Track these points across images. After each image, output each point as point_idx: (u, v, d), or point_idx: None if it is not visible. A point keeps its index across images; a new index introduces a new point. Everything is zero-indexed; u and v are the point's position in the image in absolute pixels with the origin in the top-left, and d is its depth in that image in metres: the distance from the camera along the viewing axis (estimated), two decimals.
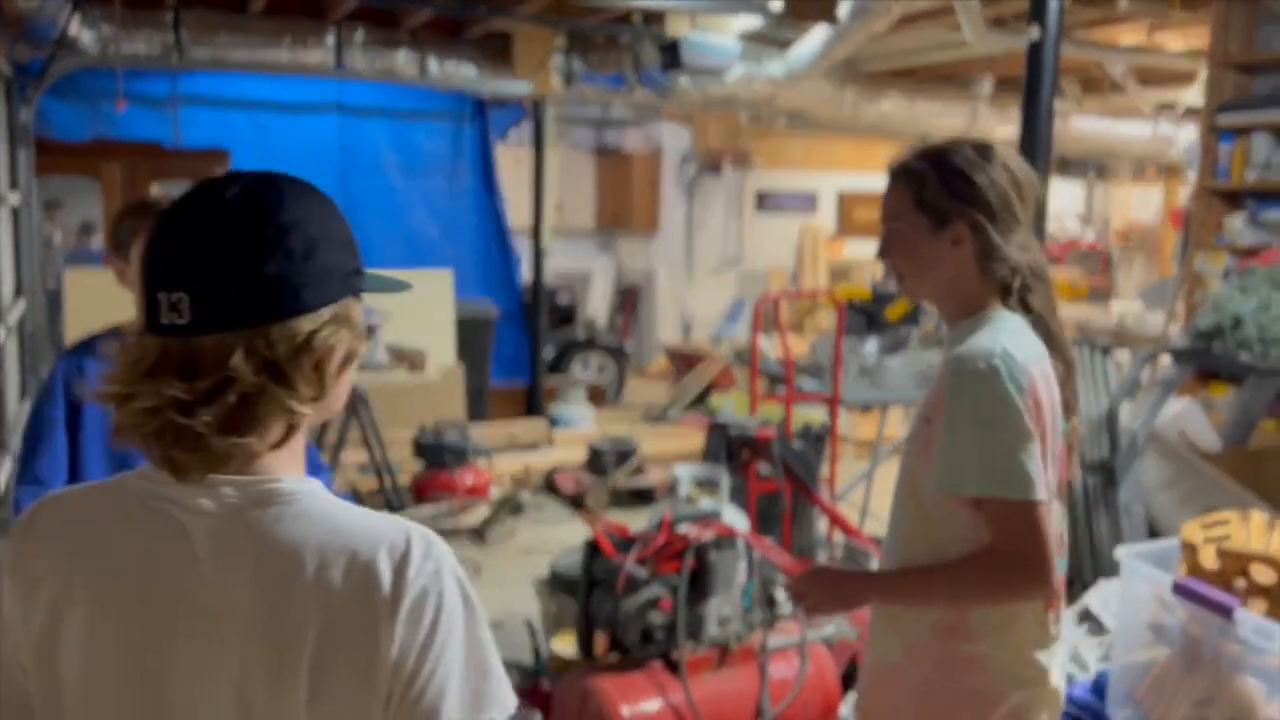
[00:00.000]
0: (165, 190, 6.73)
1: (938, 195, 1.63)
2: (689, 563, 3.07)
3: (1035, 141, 3.65)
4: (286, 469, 0.99)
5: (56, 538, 0.99)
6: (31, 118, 5.83)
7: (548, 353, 8.85)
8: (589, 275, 12.01)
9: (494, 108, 7.86)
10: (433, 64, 6.71)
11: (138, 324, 0.96)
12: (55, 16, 5.04)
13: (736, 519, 3.59)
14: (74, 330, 5.89)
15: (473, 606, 0.99)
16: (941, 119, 8.21)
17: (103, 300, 5.77)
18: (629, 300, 11.86)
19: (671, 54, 5.83)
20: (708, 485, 3.82)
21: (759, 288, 11.44)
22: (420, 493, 5.83)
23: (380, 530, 0.96)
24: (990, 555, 1.57)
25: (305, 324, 0.95)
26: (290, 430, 0.97)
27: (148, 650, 0.94)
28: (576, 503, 6.26)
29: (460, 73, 6.81)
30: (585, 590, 3.15)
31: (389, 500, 5.70)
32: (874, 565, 3.88)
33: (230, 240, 0.93)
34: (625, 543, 3.18)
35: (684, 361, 8.57)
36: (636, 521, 3.78)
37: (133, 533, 0.96)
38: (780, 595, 3.42)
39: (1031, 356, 1.59)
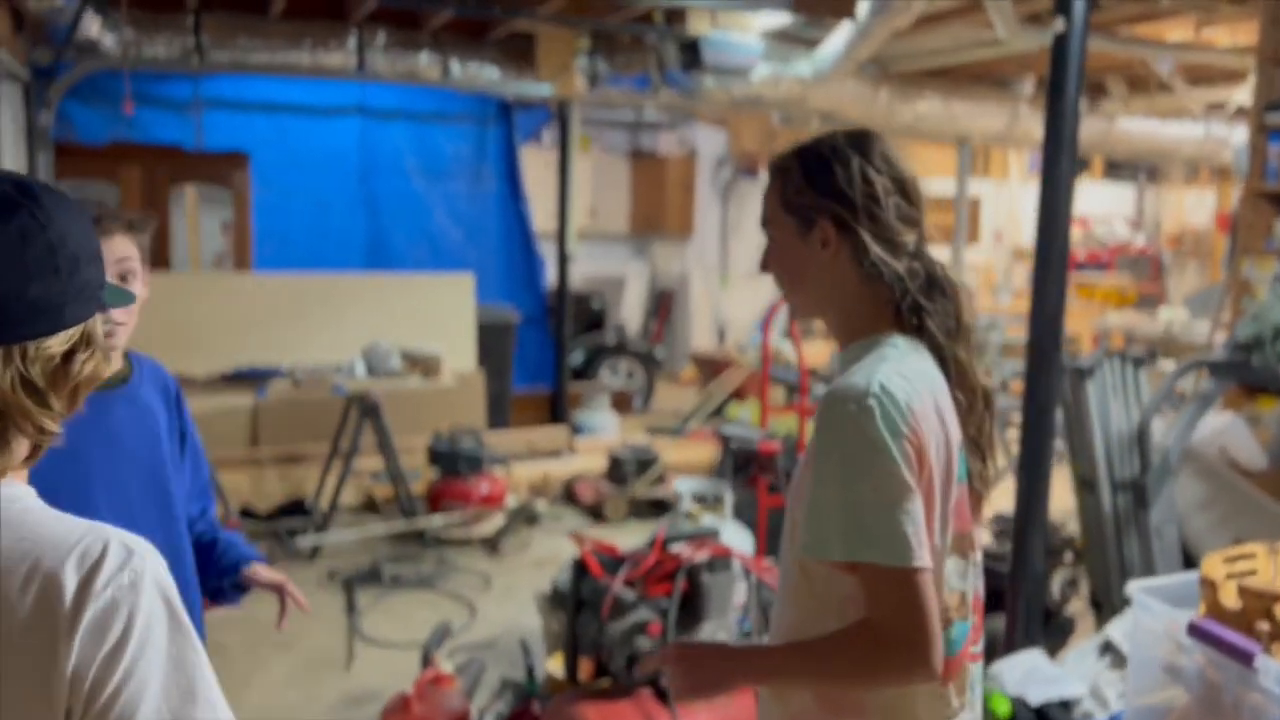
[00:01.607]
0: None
1: (800, 190, 1.43)
2: (680, 585, 2.92)
3: (1060, 140, 3.44)
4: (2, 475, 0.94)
5: None
6: (51, 121, 5.83)
7: (576, 358, 8.73)
8: (622, 280, 11.89)
9: (519, 110, 7.76)
10: (455, 66, 6.61)
11: None
12: (76, 19, 5.01)
13: (739, 538, 3.43)
14: None
15: (181, 626, 0.93)
16: (980, 120, 7.96)
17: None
18: (662, 305, 11.71)
19: (692, 53, 5.68)
20: (713, 501, 3.66)
21: None
22: (434, 501, 5.72)
23: (74, 539, 0.92)
24: (863, 630, 1.32)
25: (60, 342, 0.93)
26: (37, 451, 0.95)
27: None
28: (595, 513, 6.12)
29: (483, 74, 6.71)
30: (572, 612, 3.02)
31: (403, 508, 5.62)
32: None
33: None
34: (614, 563, 3.03)
35: (711, 368, 8.40)
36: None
37: None
38: None
39: (919, 391, 1.36)
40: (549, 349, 7.76)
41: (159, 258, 6.62)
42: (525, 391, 7.60)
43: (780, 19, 5.57)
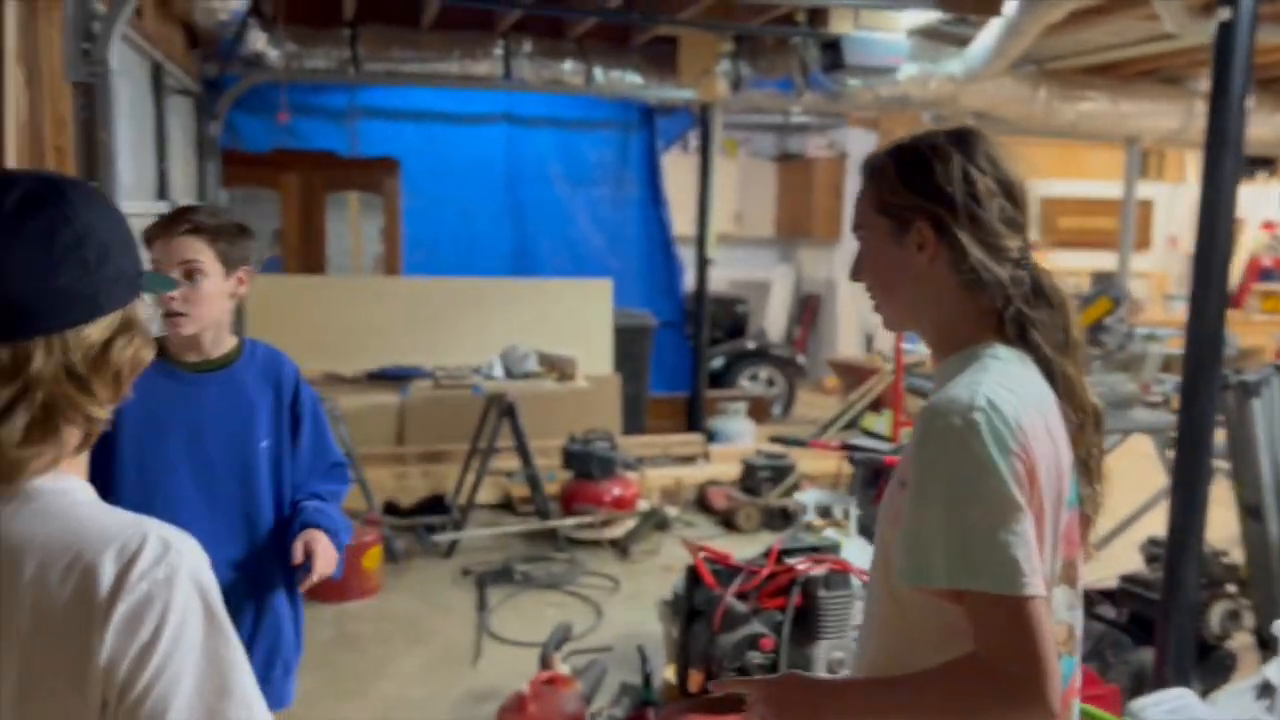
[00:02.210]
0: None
1: (895, 191, 1.32)
2: (794, 599, 2.84)
3: (1224, 138, 3.19)
4: (52, 467, 0.96)
5: None
6: (219, 131, 6.19)
7: (715, 363, 8.68)
8: (767, 285, 11.76)
9: (662, 115, 7.78)
10: (598, 72, 6.69)
11: None
12: (238, 34, 5.31)
13: (861, 554, 3.31)
14: (257, 327, 6.21)
15: (217, 622, 0.94)
16: (1150, 119, 7.49)
17: (281, 303, 6.08)
18: (807, 311, 11.53)
19: (834, 53, 5.55)
20: (837, 514, 3.56)
21: None
22: (567, 502, 5.79)
23: (115, 532, 0.93)
24: (972, 665, 1.20)
25: (99, 329, 0.95)
26: (87, 438, 0.97)
27: None
28: (727, 521, 6.06)
29: (625, 80, 6.76)
30: (684, 621, 2.97)
31: (537, 508, 5.70)
32: None
33: (22, 250, 0.91)
34: (729, 572, 2.98)
35: (854, 376, 8.19)
36: None
37: None
38: None
39: (1028, 407, 1.25)
40: (687, 354, 7.74)
41: (314, 261, 6.94)
42: (662, 396, 7.60)
43: (926, 17, 5.39)
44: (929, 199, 1.30)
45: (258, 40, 5.81)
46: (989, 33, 5.33)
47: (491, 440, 5.61)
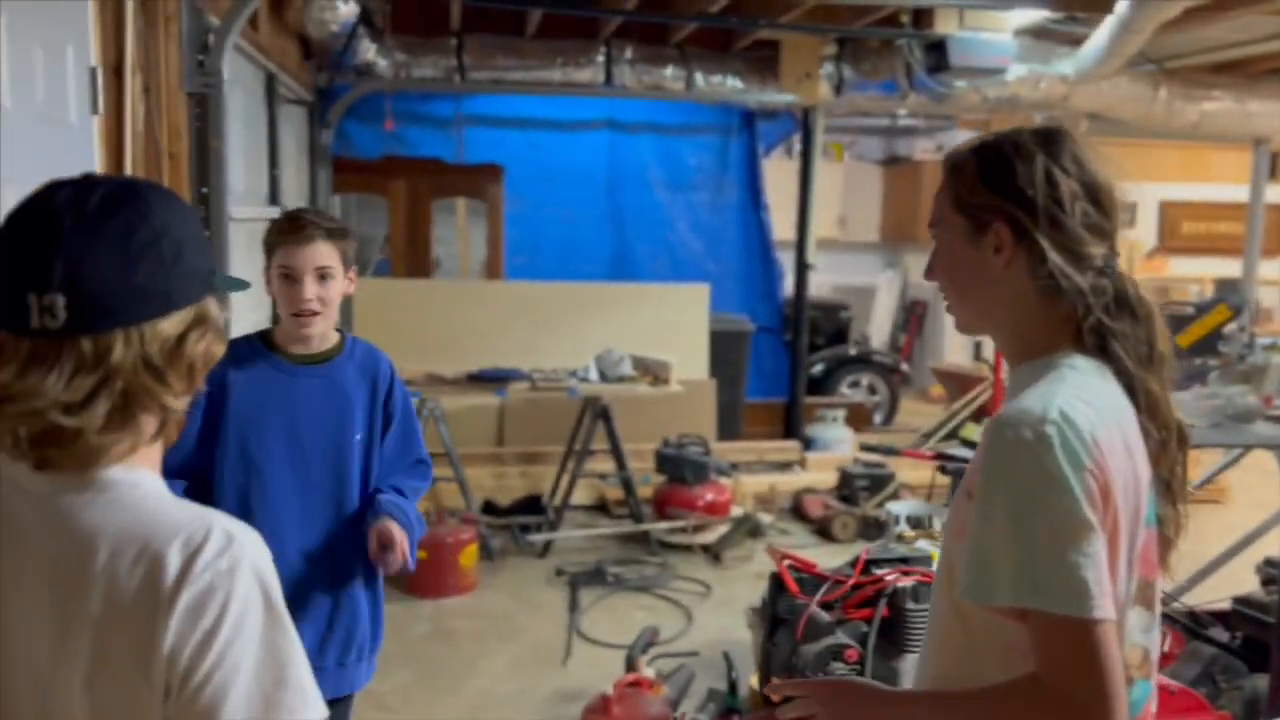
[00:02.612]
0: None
1: (974, 190, 1.27)
2: (881, 610, 2.78)
3: None
4: (125, 460, 1.00)
5: None
6: (330, 139, 6.41)
7: (816, 370, 8.58)
8: (872, 290, 11.58)
9: (764, 119, 7.73)
10: (699, 77, 6.69)
11: None
12: (347, 44, 5.49)
13: None
14: (362, 333, 6.41)
15: (276, 613, 0.97)
16: None
17: (388, 305, 6.26)
18: (913, 317, 11.30)
19: (938, 55, 5.44)
20: (929, 524, 3.47)
21: None
22: (660, 506, 5.80)
23: (182, 524, 0.96)
24: (1032, 687, 1.16)
25: (174, 324, 0.99)
26: (163, 427, 1.01)
27: None
28: (823, 530, 5.99)
29: (726, 85, 6.75)
30: (767, 630, 2.94)
31: (630, 511, 5.74)
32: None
33: (103, 244, 0.95)
34: (813, 581, 2.93)
35: (958, 385, 8.00)
36: None
37: None
38: None
39: (1105, 421, 1.19)
40: (785, 359, 7.68)
41: (419, 265, 7.12)
42: (759, 402, 7.55)
43: (1034, 16, 5.23)
44: (1008, 200, 1.25)
45: (368, 50, 5.99)
46: (1102, 31, 5.15)
47: (586, 443, 5.67)
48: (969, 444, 4.59)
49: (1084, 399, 1.20)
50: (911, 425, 8.59)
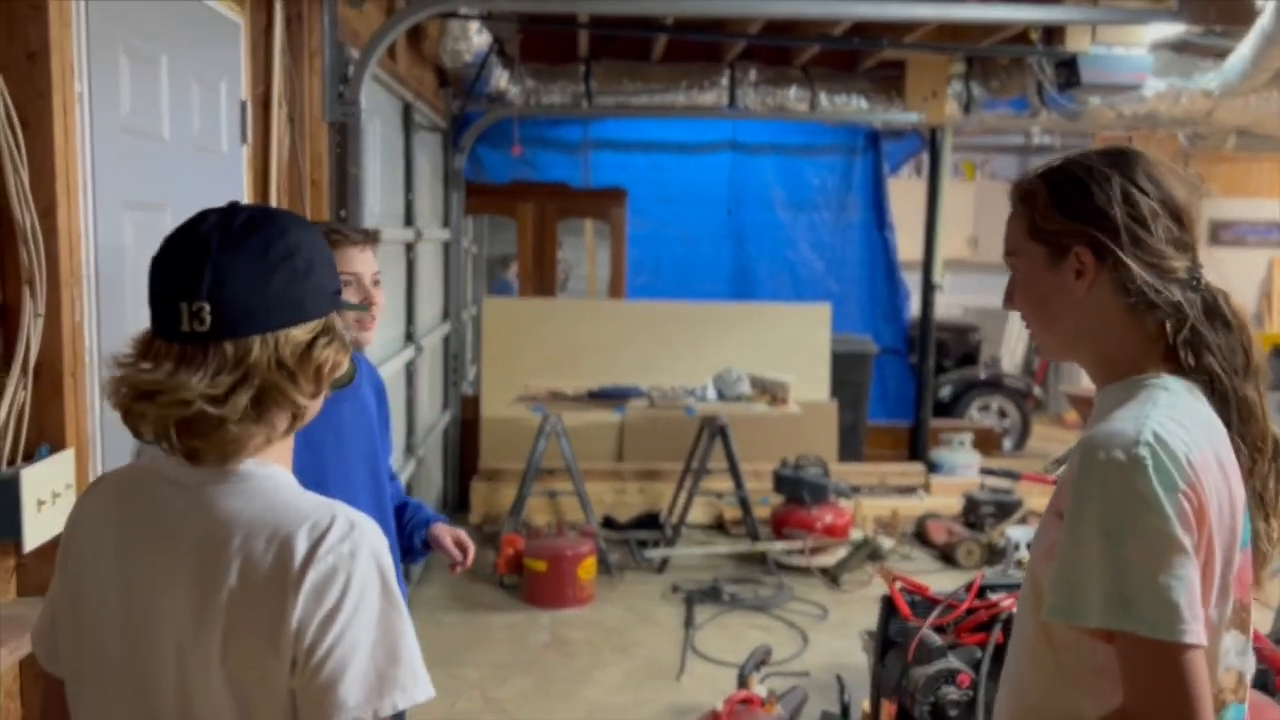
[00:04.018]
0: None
1: (1049, 216, 1.28)
2: (995, 636, 2.74)
3: None
4: (260, 456, 1.13)
5: (89, 509, 1.19)
6: (463, 164, 6.67)
7: (943, 393, 8.41)
8: (1005, 312, 11.27)
9: (890, 139, 7.66)
10: (823, 98, 6.69)
11: (150, 329, 1.12)
12: (479, 72, 5.72)
13: None
14: (491, 350, 6.63)
15: (391, 596, 1.06)
16: None
17: (515, 322, 6.46)
18: None
19: (1069, 71, 5.30)
20: None
21: None
22: (777, 526, 5.79)
23: (309, 511, 1.08)
24: (1120, 717, 1.15)
25: (304, 331, 1.11)
26: (294, 422, 1.13)
27: (131, 587, 1.11)
28: (946, 555, 5.87)
29: (850, 105, 6.73)
30: (878, 652, 2.93)
31: (749, 531, 5.74)
32: None
33: (244, 258, 1.08)
34: (926, 604, 2.91)
35: (1089, 409, 7.70)
36: None
37: (130, 505, 1.15)
38: None
39: (1199, 440, 1.19)
40: (910, 381, 7.55)
41: (545, 285, 7.32)
42: (882, 424, 7.44)
43: (1169, 30, 5.05)
44: (1087, 222, 1.26)
45: (500, 78, 6.21)
46: (1245, 44, 4.93)
47: (704, 461, 5.71)
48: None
49: (1177, 420, 1.19)
50: (1043, 451, 8.32)
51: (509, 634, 4.79)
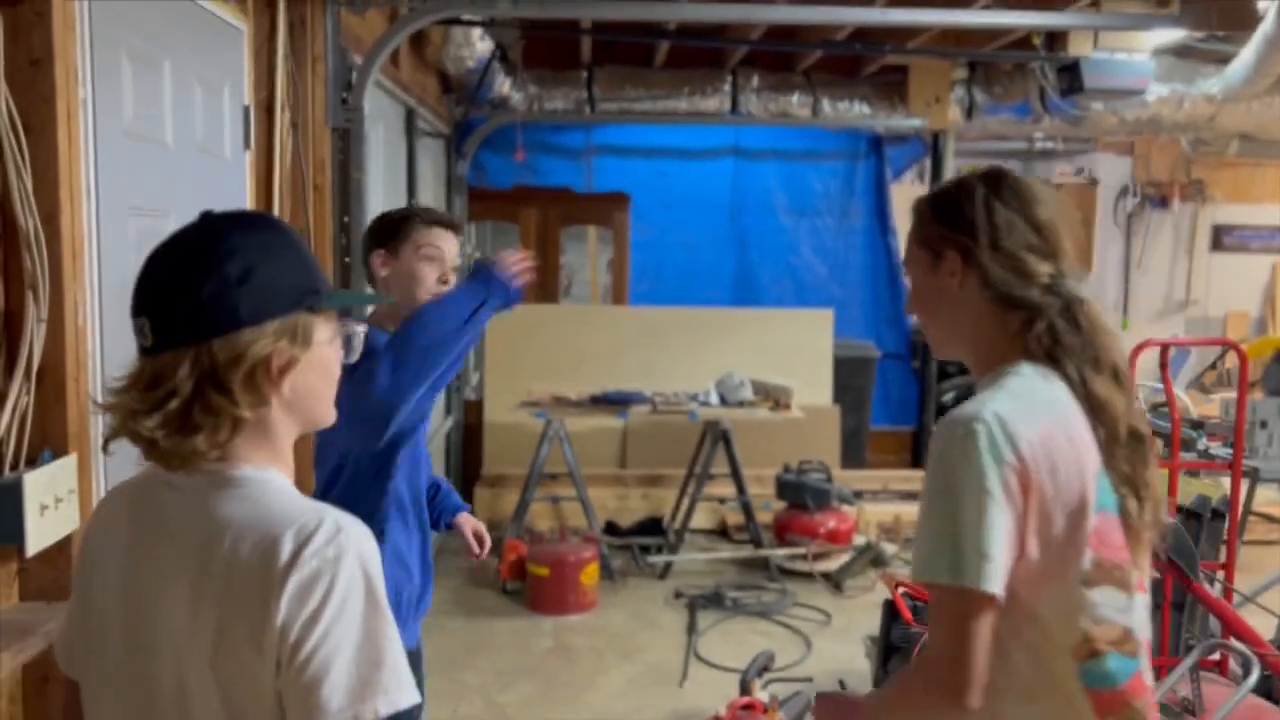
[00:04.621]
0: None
1: (930, 226, 1.49)
2: None
3: None
4: (257, 461, 1.13)
5: (99, 520, 1.22)
6: (466, 169, 6.68)
7: (946, 398, 8.39)
8: None
9: (893, 144, 7.66)
10: (825, 104, 6.70)
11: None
12: (481, 79, 5.73)
13: None
14: (494, 351, 6.64)
15: (375, 600, 1.05)
16: None
17: (518, 328, 6.45)
18: None
19: (1072, 77, 5.30)
20: None
21: (1211, 335, 10.00)
22: (780, 532, 5.78)
23: (297, 514, 1.07)
24: (920, 657, 1.33)
25: (246, 337, 1.07)
26: (235, 429, 1.10)
27: (134, 590, 1.12)
28: None
29: (853, 111, 6.74)
30: (880, 657, 2.93)
31: (752, 536, 5.74)
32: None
33: (176, 269, 1.09)
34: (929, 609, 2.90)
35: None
36: None
37: (132, 513, 1.17)
38: None
39: (1041, 418, 1.34)
40: (913, 387, 7.55)
41: (548, 291, 7.32)
42: (886, 430, 7.43)
43: (1171, 35, 5.05)
44: (956, 230, 1.45)
45: (502, 84, 6.23)
46: (1249, 49, 4.93)
47: (706, 466, 5.71)
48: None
49: (1021, 400, 1.35)
50: None
51: (512, 639, 4.79)
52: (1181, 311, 10.55)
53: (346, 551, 1.05)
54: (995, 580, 1.27)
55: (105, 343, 2.07)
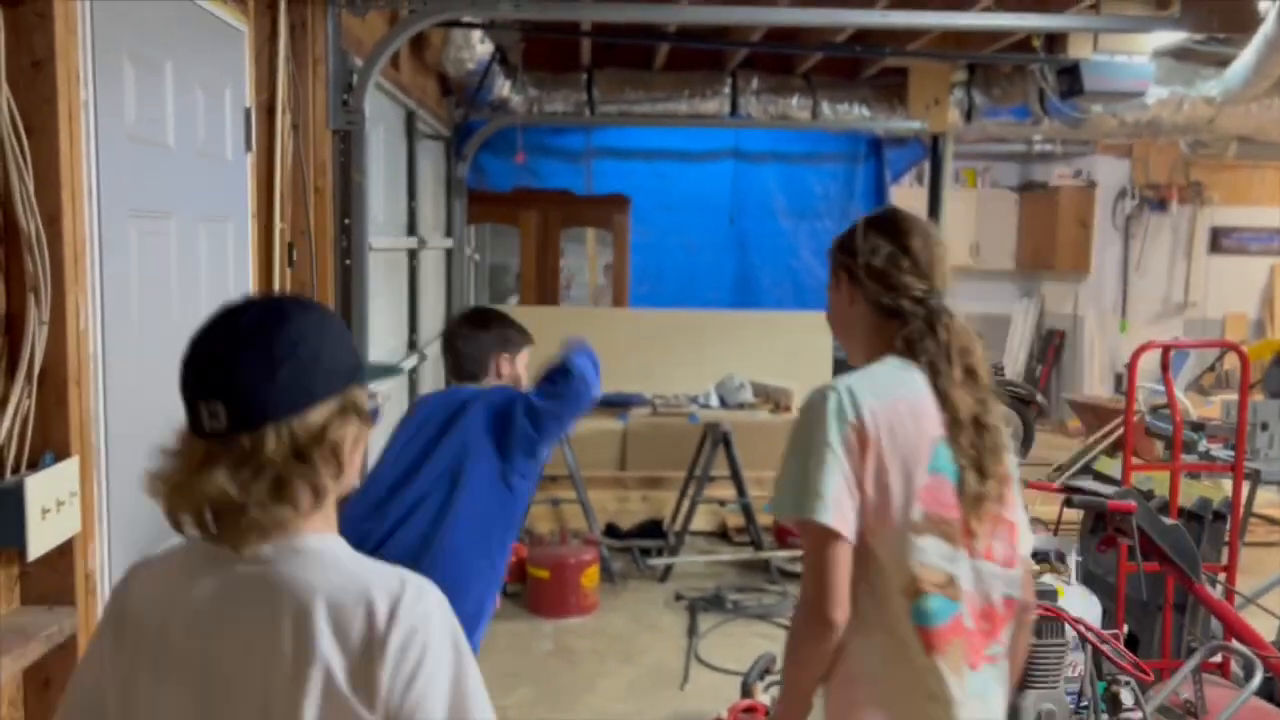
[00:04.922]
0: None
1: (831, 256, 1.87)
2: None
3: None
4: (316, 529, 1.19)
5: (144, 590, 1.23)
6: (465, 172, 6.67)
7: None
8: (1007, 319, 11.27)
9: (892, 147, 7.66)
10: (825, 106, 6.70)
11: (185, 427, 1.17)
12: (481, 81, 5.73)
13: (1081, 603, 3.13)
14: None
15: (459, 646, 1.16)
16: None
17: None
18: (1050, 348, 10.94)
19: (1072, 79, 5.30)
20: (1054, 560, 3.37)
21: (1209, 337, 10.01)
22: (781, 535, 5.77)
23: (378, 577, 1.16)
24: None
25: (318, 414, 1.16)
26: (318, 499, 1.18)
27: (210, 662, 1.17)
28: None
29: (853, 113, 6.74)
30: None
31: (752, 539, 5.73)
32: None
33: (250, 354, 1.14)
34: None
35: (1096, 417, 7.70)
36: None
37: (199, 585, 1.19)
38: (1127, 698, 2.93)
39: (890, 394, 1.67)
40: None
41: (548, 293, 7.32)
42: None
43: (1171, 37, 5.06)
44: (846, 255, 1.81)
45: (502, 87, 6.23)
46: (1249, 51, 4.94)
47: (706, 468, 5.70)
48: (1102, 477, 4.44)
49: (874, 379, 1.69)
50: (1047, 459, 8.29)
51: (512, 642, 4.78)
52: (1180, 314, 10.56)
53: (433, 610, 1.15)
54: (829, 514, 1.58)
55: (107, 346, 2.06)
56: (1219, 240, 10.49)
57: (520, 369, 2.85)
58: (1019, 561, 1.74)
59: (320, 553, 1.17)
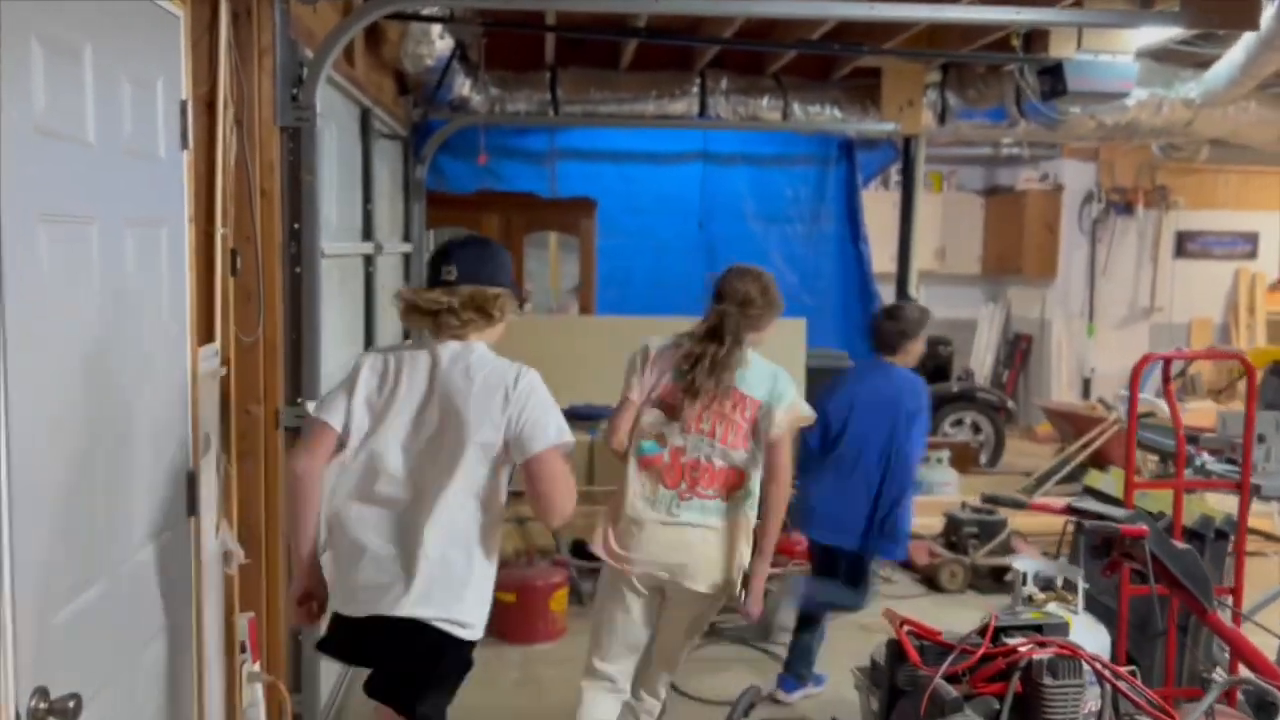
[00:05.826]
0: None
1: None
2: (1014, 686, 2.51)
3: None
4: (482, 339, 2.59)
5: (395, 360, 2.60)
6: (424, 174, 6.38)
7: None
8: (972, 324, 11.18)
9: (863, 149, 7.49)
10: (796, 108, 6.51)
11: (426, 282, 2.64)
12: (441, 79, 5.45)
13: (1091, 635, 2.93)
14: None
15: (549, 400, 2.54)
16: None
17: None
18: (1017, 353, 10.86)
19: (1055, 79, 5.14)
20: (1061, 586, 3.18)
21: (1175, 342, 9.98)
22: None
23: (509, 364, 2.55)
24: None
25: (493, 290, 2.57)
26: (487, 325, 2.58)
27: (445, 393, 2.52)
28: (929, 579, 5.67)
29: (825, 114, 6.55)
30: (885, 701, 2.70)
31: None
32: None
33: (473, 250, 2.65)
34: (937, 650, 2.67)
35: (1070, 425, 7.58)
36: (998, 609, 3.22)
37: (419, 357, 2.58)
38: None
39: (667, 344, 3.24)
40: None
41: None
42: None
43: (1155, 37, 4.91)
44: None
45: (463, 85, 5.96)
46: (1237, 50, 4.80)
47: None
48: (1097, 494, 4.26)
49: (667, 339, 3.25)
50: (1020, 466, 8.17)
51: (477, 672, 4.40)
52: (1146, 318, 10.53)
53: (535, 379, 2.53)
54: (628, 394, 3.28)
55: (9, 365, 1.76)
56: (1184, 244, 10.48)
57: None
58: (743, 446, 3.15)
59: (481, 350, 2.55)
